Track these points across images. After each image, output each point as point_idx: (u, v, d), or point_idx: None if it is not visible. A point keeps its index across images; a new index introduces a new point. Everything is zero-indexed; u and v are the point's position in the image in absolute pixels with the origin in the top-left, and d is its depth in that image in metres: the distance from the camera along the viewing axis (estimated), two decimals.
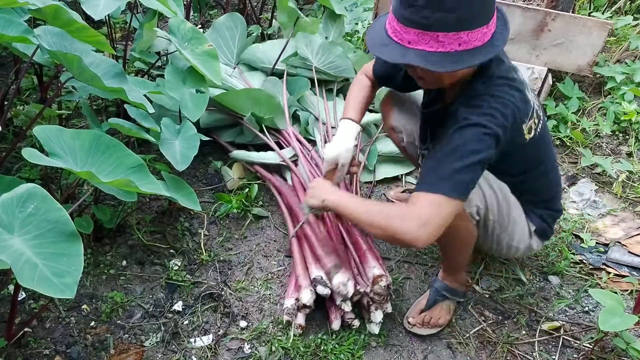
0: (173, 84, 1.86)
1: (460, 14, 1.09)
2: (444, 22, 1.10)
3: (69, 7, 1.47)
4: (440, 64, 1.13)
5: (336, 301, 1.56)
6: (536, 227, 1.54)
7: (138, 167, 1.45)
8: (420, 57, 1.14)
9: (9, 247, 1.03)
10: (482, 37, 1.14)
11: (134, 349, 1.53)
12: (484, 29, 1.13)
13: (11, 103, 2.04)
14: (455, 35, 1.11)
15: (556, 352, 1.60)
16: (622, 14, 3.14)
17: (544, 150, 1.46)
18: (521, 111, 1.27)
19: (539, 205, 1.54)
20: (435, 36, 1.12)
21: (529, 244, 1.55)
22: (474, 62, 1.14)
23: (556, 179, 1.57)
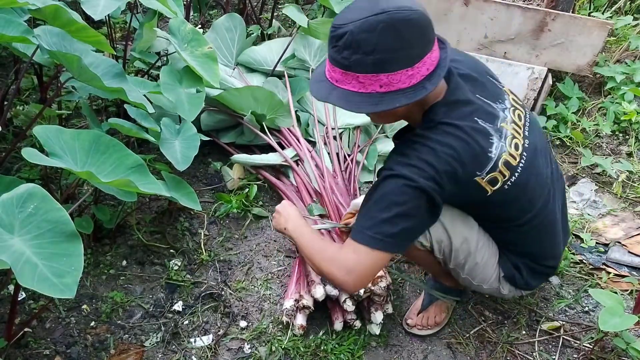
0: (169, 84, 1.86)
1: (378, 56, 1.07)
2: (362, 64, 1.09)
3: (69, 7, 1.47)
4: (360, 105, 1.13)
5: (340, 300, 1.56)
6: (504, 273, 1.45)
7: (138, 167, 1.45)
8: (342, 97, 1.14)
9: (9, 247, 1.03)
10: (408, 80, 1.11)
11: (134, 349, 1.53)
12: (408, 71, 1.10)
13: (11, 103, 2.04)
14: (374, 77, 1.10)
15: (556, 352, 1.60)
16: (622, 14, 3.14)
17: (521, 204, 1.32)
18: (466, 164, 1.18)
19: (515, 255, 1.45)
20: (356, 77, 1.11)
21: (497, 287, 1.47)
22: (394, 104, 1.11)
23: (541, 235, 1.41)
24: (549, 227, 1.42)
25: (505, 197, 1.27)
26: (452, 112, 1.21)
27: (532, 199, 1.33)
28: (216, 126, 2.31)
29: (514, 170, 1.26)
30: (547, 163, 1.39)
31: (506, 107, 1.30)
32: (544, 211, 1.37)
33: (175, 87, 1.88)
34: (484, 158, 1.21)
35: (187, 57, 1.90)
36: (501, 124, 1.25)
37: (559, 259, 1.52)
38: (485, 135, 1.22)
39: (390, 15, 1.06)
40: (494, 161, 1.22)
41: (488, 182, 1.23)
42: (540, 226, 1.39)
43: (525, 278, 1.46)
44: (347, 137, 2.32)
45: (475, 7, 2.60)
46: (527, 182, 1.29)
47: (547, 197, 1.38)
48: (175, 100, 1.83)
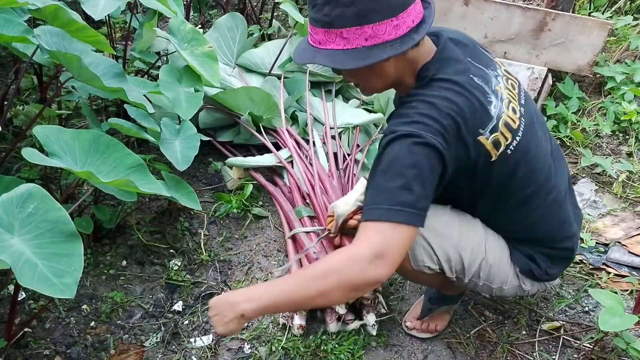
0: (168, 83, 1.86)
1: (359, 7, 1.03)
2: (344, 17, 1.04)
3: (69, 7, 1.47)
4: (346, 61, 1.08)
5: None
6: (520, 267, 1.36)
7: (138, 167, 1.45)
8: (327, 56, 1.09)
9: (9, 247, 1.03)
10: (394, 31, 1.06)
11: (134, 349, 1.53)
12: (392, 21, 1.05)
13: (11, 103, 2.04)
14: (359, 29, 1.05)
15: (556, 352, 1.60)
16: (622, 14, 3.14)
17: (522, 175, 1.24)
18: (468, 119, 1.11)
19: (526, 243, 1.37)
20: (340, 33, 1.07)
21: (518, 285, 1.39)
22: (383, 56, 1.06)
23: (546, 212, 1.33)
24: (555, 205, 1.34)
25: (508, 165, 1.20)
26: (445, 68, 1.15)
27: (534, 170, 1.26)
28: (214, 125, 2.31)
29: (515, 133, 1.20)
30: (545, 137, 1.33)
31: (498, 74, 1.25)
32: (546, 186, 1.30)
33: (175, 86, 1.88)
34: (485, 115, 1.14)
35: (187, 56, 1.91)
36: (496, 87, 1.20)
37: (575, 239, 1.41)
38: (483, 92, 1.15)
39: None
40: (495, 120, 1.16)
41: (492, 144, 1.16)
42: (545, 204, 1.31)
43: (543, 268, 1.36)
44: (346, 137, 2.32)
45: (475, 7, 2.60)
46: (527, 149, 1.23)
47: (548, 172, 1.30)
48: (173, 99, 1.83)
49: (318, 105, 2.39)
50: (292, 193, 1.98)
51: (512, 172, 1.22)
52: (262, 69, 2.51)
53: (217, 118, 2.30)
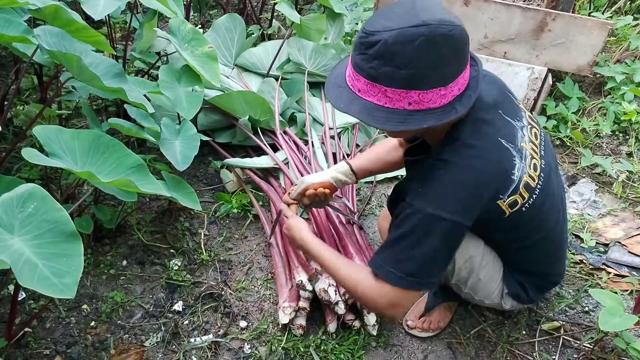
0: (168, 83, 1.86)
1: (411, 72, 0.99)
2: (393, 78, 1.01)
3: (69, 7, 1.47)
4: (385, 121, 1.04)
5: (332, 302, 1.55)
6: (509, 291, 1.43)
7: (138, 167, 1.45)
8: (365, 110, 1.06)
9: (9, 247, 1.03)
10: (439, 100, 1.04)
11: (134, 349, 1.53)
12: (441, 90, 1.02)
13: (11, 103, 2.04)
14: (405, 93, 1.02)
15: (556, 352, 1.60)
16: (622, 14, 3.14)
17: (533, 225, 1.29)
18: (492, 188, 1.14)
19: (522, 273, 1.43)
20: (384, 90, 1.03)
21: (499, 303, 1.46)
22: (422, 125, 1.03)
23: (549, 253, 1.39)
24: (557, 246, 1.40)
25: (521, 219, 1.23)
26: (477, 132, 1.14)
27: (545, 220, 1.30)
28: (212, 126, 2.31)
29: (533, 192, 1.22)
30: (558, 182, 1.36)
31: (524, 125, 1.25)
32: (554, 231, 1.34)
33: (174, 86, 1.88)
34: (508, 181, 1.16)
35: (187, 56, 1.91)
36: (521, 144, 1.20)
37: (563, 274, 1.52)
38: (509, 157, 1.16)
39: (432, 30, 0.97)
40: (516, 183, 1.17)
41: (508, 205, 1.19)
42: (549, 245, 1.37)
43: (530, 295, 1.44)
44: (346, 137, 2.32)
45: (475, 7, 2.60)
46: (542, 204, 1.25)
47: (557, 216, 1.35)
48: (174, 99, 1.83)
49: (317, 106, 2.39)
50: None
51: (522, 224, 1.26)
52: (260, 69, 2.51)
53: (215, 120, 2.30)
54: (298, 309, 1.56)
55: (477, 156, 1.12)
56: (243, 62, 2.52)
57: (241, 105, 2.15)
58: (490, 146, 1.14)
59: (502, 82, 1.32)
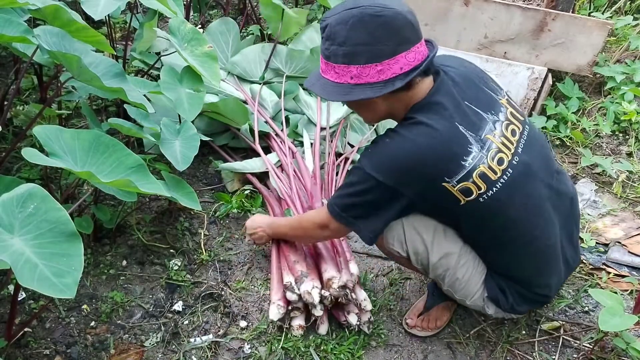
0: (169, 83, 1.86)
1: (348, 48, 1.15)
2: (336, 55, 1.18)
3: (69, 7, 1.47)
4: (333, 94, 1.22)
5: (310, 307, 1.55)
6: (488, 294, 1.43)
7: (138, 167, 1.45)
8: (322, 86, 1.24)
9: (9, 247, 1.03)
10: (377, 75, 1.17)
11: (134, 349, 1.53)
12: (377, 66, 1.15)
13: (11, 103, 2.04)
14: (346, 68, 1.18)
15: (556, 352, 1.60)
16: (622, 14, 3.14)
17: (500, 222, 1.29)
18: (429, 165, 1.20)
19: (502, 277, 1.42)
20: (333, 67, 1.20)
21: (482, 306, 1.45)
22: (360, 96, 1.18)
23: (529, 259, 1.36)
24: (543, 254, 1.37)
25: (482, 211, 1.26)
26: (430, 113, 1.21)
27: (519, 219, 1.29)
28: (209, 130, 2.30)
29: (492, 184, 1.23)
30: (544, 185, 1.33)
31: (498, 120, 1.27)
32: (534, 234, 1.33)
33: (176, 87, 1.88)
34: (454, 165, 1.20)
35: (187, 56, 1.91)
36: (486, 135, 1.23)
37: (554, 289, 1.47)
38: (463, 143, 1.20)
39: (361, 11, 1.14)
40: (467, 170, 1.20)
41: (460, 191, 1.22)
42: (525, 252, 1.35)
43: (510, 302, 1.42)
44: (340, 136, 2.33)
45: (475, 7, 2.60)
46: (509, 200, 1.26)
47: (539, 221, 1.33)
48: (175, 100, 1.83)
49: (312, 104, 2.40)
50: (279, 198, 1.98)
51: (486, 218, 1.29)
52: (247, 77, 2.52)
53: (212, 124, 2.30)
54: (292, 308, 1.56)
55: (423, 134, 1.20)
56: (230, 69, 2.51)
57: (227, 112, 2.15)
58: (441, 128, 1.19)
59: (485, 77, 1.36)
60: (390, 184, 1.23)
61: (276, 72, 2.53)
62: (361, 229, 1.34)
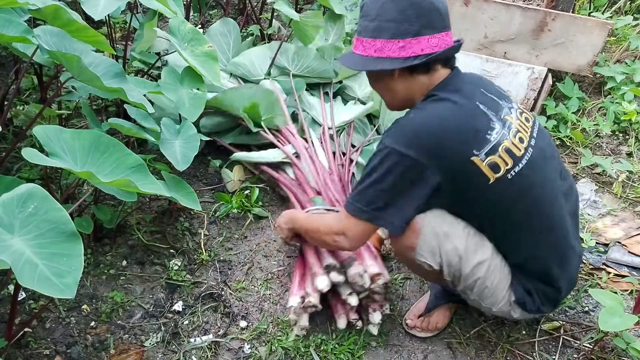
0: (170, 84, 1.86)
1: (377, 23, 1.24)
2: (367, 29, 1.26)
3: (69, 7, 1.47)
4: (355, 64, 1.29)
5: (343, 295, 1.53)
6: (516, 298, 1.40)
7: (138, 167, 1.45)
8: (348, 58, 1.32)
9: (9, 247, 1.03)
10: (398, 51, 1.23)
11: (134, 349, 1.53)
12: (400, 42, 1.22)
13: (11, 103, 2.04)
14: (372, 41, 1.26)
15: (556, 352, 1.60)
16: (622, 14, 3.14)
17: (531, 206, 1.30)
18: (455, 137, 1.20)
19: (526, 277, 1.40)
20: (362, 41, 1.28)
21: (508, 311, 1.43)
22: (378, 66, 1.25)
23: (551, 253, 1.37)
24: (561, 243, 1.38)
25: (510, 192, 1.26)
26: (451, 92, 1.26)
27: (539, 200, 1.30)
28: (215, 129, 2.30)
29: (518, 160, 1.25)
30: (558, 174, 1.37)
31: (513, 107, 1.32)
32: (554, 220, 1.34)
33: (177, 87, 1.88)
34: (480, 137, 1.22)
35: (187, 56, 1.91)
36: (505, 116, 1.27)
37: (573, 282, 1.47)
38: (486, 119, 1.24)
39: None
40: (493, 144, 1.22)
41: (489, 167, 1.22)
42: (551, 239, 1.35)
43: (537, 303, 1.41)
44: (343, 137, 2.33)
45: (475, 7, 2.60)
46: (533, 180, 1.28)
47: (558, 206, 1.35)
48: (176, 100, 1.83)
49: (316, 105, 2.40)
50: (301, 185, 1.97)
51: (514, 199, 1.28)
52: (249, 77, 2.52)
53: (217, 122, 2.29)
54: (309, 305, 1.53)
55: (448, 108, 1.24)
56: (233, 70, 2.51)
57: (245, 100, 2.14)
58: (464, 104, 1.24)
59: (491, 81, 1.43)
60: (419, 158, 1.20)
61: (282, 70, 2.51)
62: (389, 219, 1.28)
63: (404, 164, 1.21)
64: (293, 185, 2.01)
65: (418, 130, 1.22)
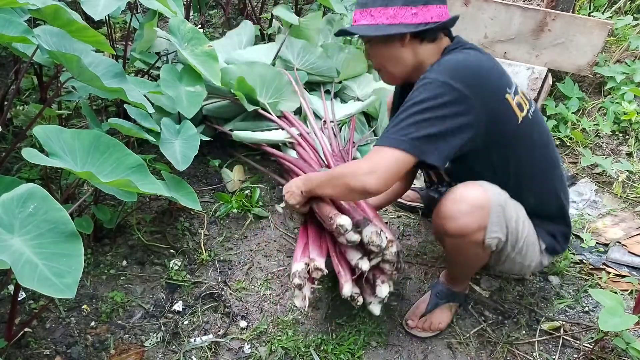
0: (169, 82, 1.86)
1: None
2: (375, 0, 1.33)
3: (69, 7, 1.47)
4: (367, 30, 1.35)
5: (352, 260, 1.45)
6: (546, 245, 1.48)
7: (138, 167, 1.45)
8: (355, 28, 1.37)
9: (9, 247, 1.03)
10: (411, 17, 1.31)
11: (134, 349, 1.53)
12: (411, 8, 1.31)
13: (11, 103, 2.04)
14: (384, 9, 1.32)
15: (556, 352, 1.60)
16: (622, 14, 3.14)
17: (544, 145, 1.43)
18: (494, 73, 1.31)
19: (547, 220, 1.48)
20: (369, 11, 1.35)
21: (540, 261, 1.50)
22: (391, 30, 1.31)
23: (561, 188, 1.49)
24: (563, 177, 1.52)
25: (530, 130, 1.37)
26: (471, 48, 1.37)
27: (549, 136, 1.47)
28: (216, 113, 2.30)
29: (530, 103, 1.40)
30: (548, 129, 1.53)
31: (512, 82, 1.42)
32: (558, 156, 1.51)
33: (176, 85, 1.88)
34: (506, 78, 1.35)
35: (187, 56, 1.91)
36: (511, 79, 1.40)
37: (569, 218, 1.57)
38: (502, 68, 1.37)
39: None
40: (515, 86, 1.36)
41: (517, 106, 1.33)
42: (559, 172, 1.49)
43: (561, 244, 1.51)
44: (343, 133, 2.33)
45: (475, 7, 2.60)
46: (540, 123, 1.43)
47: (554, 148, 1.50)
48: (174, 97, 1.83)
49: (316, 102, 2.40)
50: (307, 162, 1.95)
51: (536, 138, 1.40)
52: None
53: (220, 106, 2.29)
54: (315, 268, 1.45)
55: (477, 53, 1.35)
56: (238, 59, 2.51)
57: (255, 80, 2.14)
58: (485, 54, 1.37)
59: None
60: (463, 90, 1.23)
61: (285, 64, 2.51)
62: (428, 149, 1.23)
63: (449, 93, 1.22)
64: (299, 162, 1.97)
65: (459, 66, 1.27)
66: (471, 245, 1.36)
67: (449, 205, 1.33)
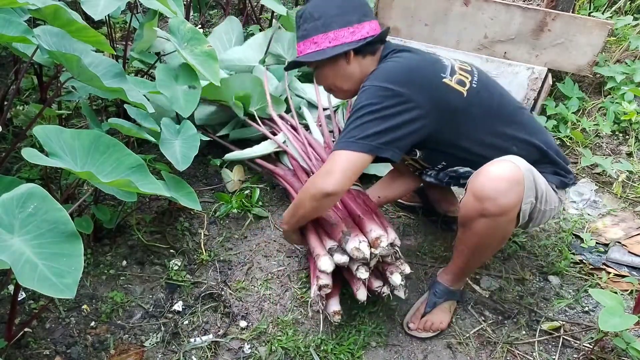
0: (165, 81, 1.86)
1: (324, 20, 1.45)
2: (316, 28, 1.46)
3: (69, 7, 1.47)
4: (314, 56, 1.47)
5: (352, 269, 1.48)
6: (555, 183, 1.52)
7: (138, 167, 1.45)
8: (303, 58, 1.50)
9: (9, 247, 1.03)
10: (350, 35, 1.45)
11: (134, 349, 1.53)
12: (349, 29, 1.45)
13: (11, 103, 2.04)
14: (324, 35, 1.46)
15: (556, 352, 1.60)
16: (622, 14, 3.14)
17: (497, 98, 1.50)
18: (425, 69, 1.42)
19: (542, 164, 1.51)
20: (312, 40, 1.48)
21: (559, 198, 1.54)
22: (336, 51, 1.45)
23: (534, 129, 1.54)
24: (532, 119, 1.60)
25: (480, 95, 1.46)
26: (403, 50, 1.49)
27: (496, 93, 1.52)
28: (210, 121, 2.30)
29: (471, 73, 1.49)
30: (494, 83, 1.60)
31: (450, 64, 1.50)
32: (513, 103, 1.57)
33: (172, 84, 1.88)
34: (440, 64, 1.46)
35: (187, 56, 1.91)
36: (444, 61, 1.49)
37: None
38: (434, 57, 1.50)
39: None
40: (451, 66, 1.46)
41: (457, 84, 1.43)
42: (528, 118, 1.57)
43: (568, 176, 1.55)
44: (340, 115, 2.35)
45: (475, 7, 2.60)
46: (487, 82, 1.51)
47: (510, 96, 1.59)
48: (170, 96, 1.83)
49: (310, 90, 2.41)
50: (297, 175, 1.97)
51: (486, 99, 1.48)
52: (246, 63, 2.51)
53: (212, 112, 2.29)
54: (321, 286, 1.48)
55: (407, 54, 1.47)
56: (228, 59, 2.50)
57: (235, 90, 2.14)
58: (417, 51, 1.51)
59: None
60: (397, 89, 1.35)
61: (277, 59, 2.52)
62: (379, 146, 1.36)
63: (385, 94, 1.36)
64: (288, 175, 2.02)
65: (390, 70, 1.41)
66: (507, 222, 1.38)
67: (486, 185, 1.33)
